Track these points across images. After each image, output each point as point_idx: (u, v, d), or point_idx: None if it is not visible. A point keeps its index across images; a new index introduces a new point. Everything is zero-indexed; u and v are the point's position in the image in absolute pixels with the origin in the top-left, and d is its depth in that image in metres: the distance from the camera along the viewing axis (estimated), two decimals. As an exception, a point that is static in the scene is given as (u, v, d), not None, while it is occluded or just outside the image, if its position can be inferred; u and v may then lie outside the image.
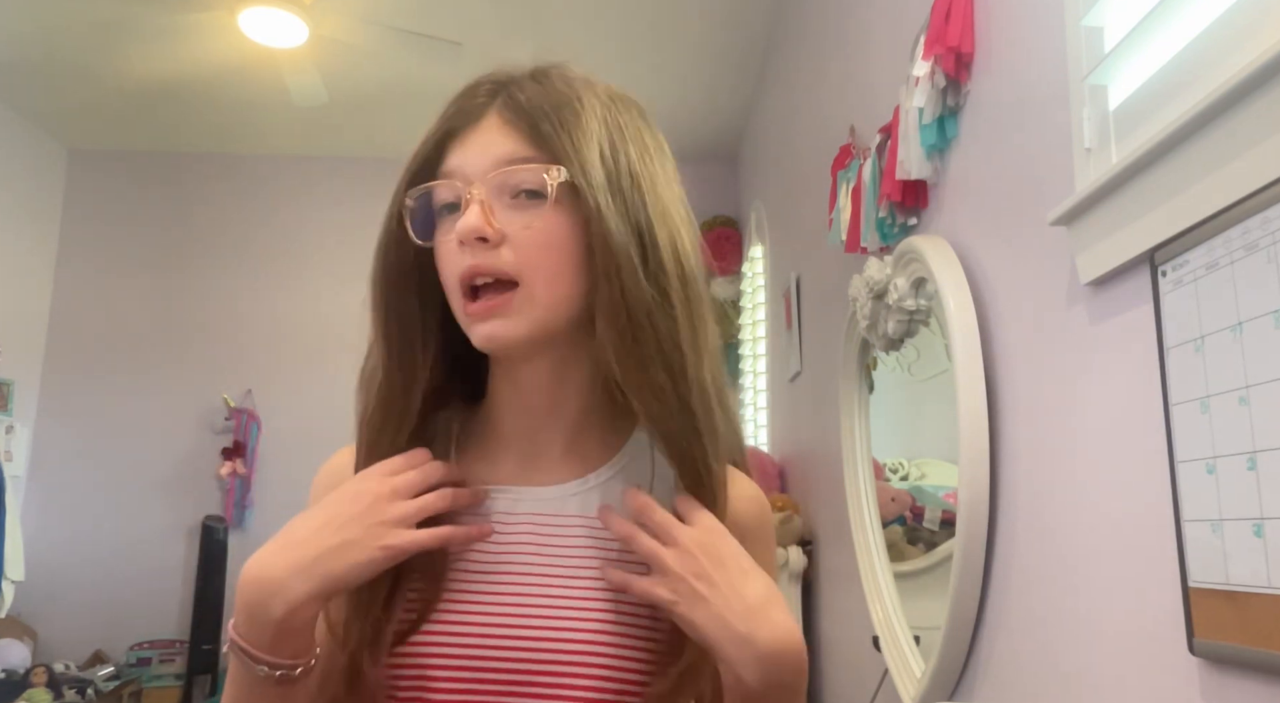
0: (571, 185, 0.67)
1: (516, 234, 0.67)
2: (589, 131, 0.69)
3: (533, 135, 0.68)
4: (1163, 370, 0.77)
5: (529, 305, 0.67)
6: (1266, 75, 0.63)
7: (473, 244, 0.66)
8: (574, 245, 0.68)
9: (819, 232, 2.16)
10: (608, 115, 0.71)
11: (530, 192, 0.68)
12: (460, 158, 0.70)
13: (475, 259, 0.67)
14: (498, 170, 0.68)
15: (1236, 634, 0.67)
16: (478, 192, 0.67)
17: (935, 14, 1.32)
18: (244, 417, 4.19)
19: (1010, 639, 1.13)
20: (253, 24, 3.07)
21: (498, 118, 0.70)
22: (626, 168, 0.70)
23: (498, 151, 0.68)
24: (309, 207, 4.44)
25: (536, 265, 0.67)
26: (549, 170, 0.67)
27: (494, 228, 0.66)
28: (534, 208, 0.67)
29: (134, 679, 3.82)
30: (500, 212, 0.67)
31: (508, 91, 0.71)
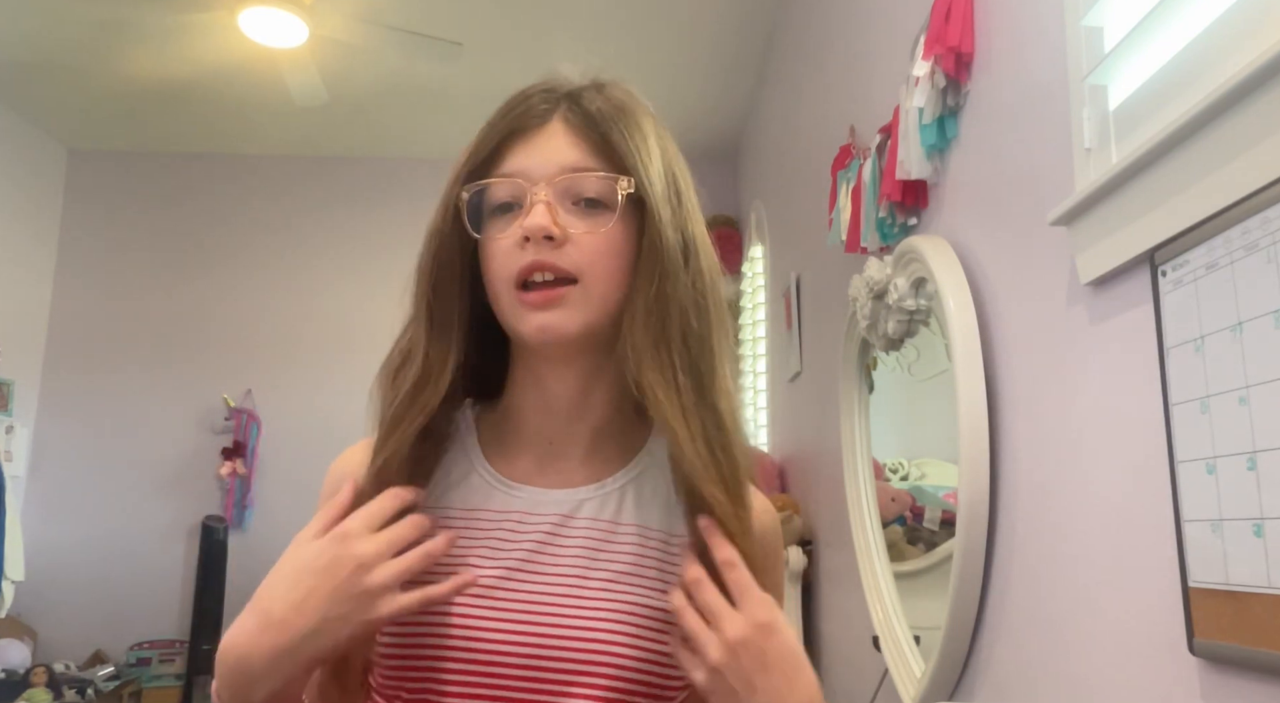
0: (632, 197, 0.70)
1: (579, 237, 0.70)
2: (651, 144, 0.73)
3: (601, 144, 0.71)
4: (1163, 370, 0.77)
5: (584, 302, 0.70)
6: (1266, 75, 0.63)
7: (538, 242, 0.68)
8: (629, 251, 0.71)
9: (819, 232, 2.16)
10: (659, 135, 0.75)
11: (592, 200, 0.71)
12: (525, 160, 0.71)
13: (538, 255, 0.69)
14: (564, 175, 0.70)
15: (1236, 634, 0.67)
16: (544, 193, 0.69)
17: (935, 14, 1.32)
18: (244, 417, 4.19)
19: (1010, 639, 1.13)
20: (253, 24, 3.07)
21: (564, 124, 0.72)
22: (675, 182, 0.74)
23: (565, 157, 0.71)
24: (309, 207, 4.44)
25: (598, 268, 0.70)
26: (619, 181, 0.70)
27: (561, 229, 0.69)
28: (597, 214, 0.70)
29: (134, 679, 3.82)
30: (562, 215, 0.70)
31: (574, 100, 0.74)
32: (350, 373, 4.22)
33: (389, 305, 0.80)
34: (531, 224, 0.68)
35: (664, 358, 0.68)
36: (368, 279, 4.29)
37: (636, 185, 0.70)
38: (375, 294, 4.26)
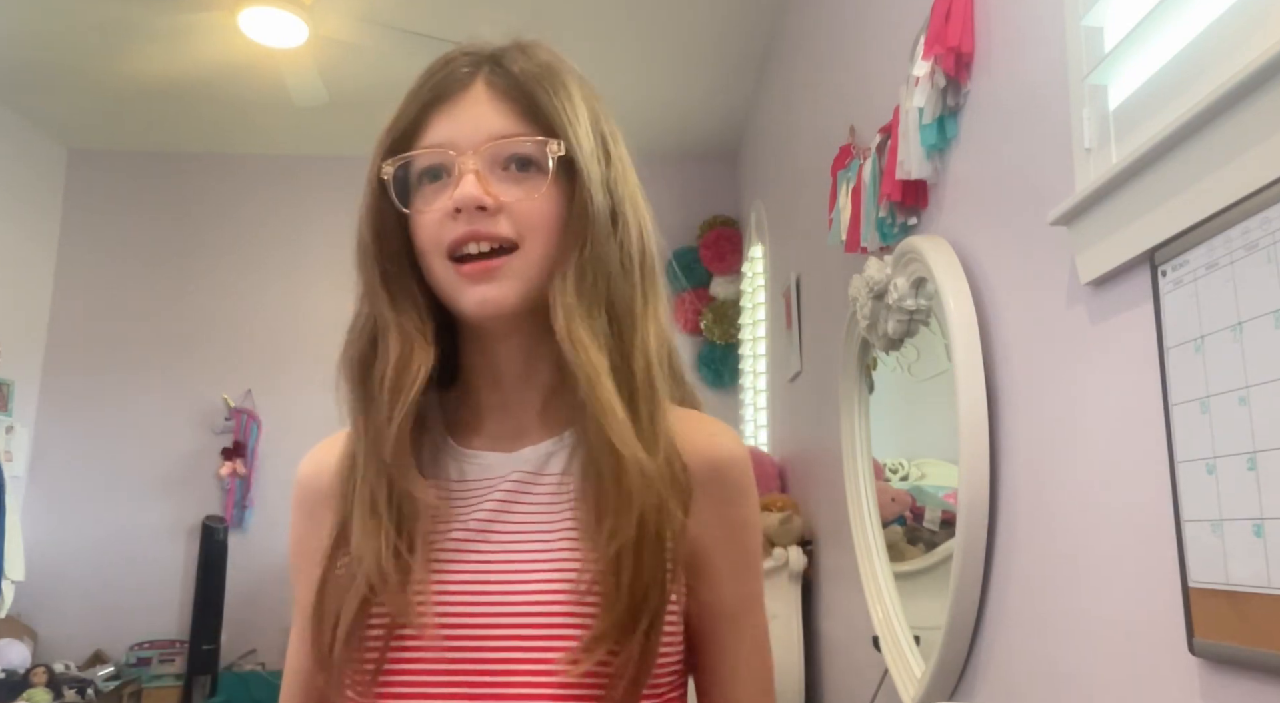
0: (565, 158, 0.69)
1: (513, 204, 0.68)
2: (578, 103, 0.71)
3: (528, 107, 0.70)
4: (1163, 370, 0.77)
5: (524, 270, 0.68)
6: (1266, 75, 0.63)
7: (470, 213, 0.67)
8: (562, 213, 0.70)
9: (819, 232, 2.16)
10: (586, 95, 0.74)
11: (523, 163, 0.69)
12: (450, 129, 0.70)
13: (472, 225, 0.67)
14: (492, 142, 0.69)
15: (1236, 634, 0.67)
16: (472, 162, 0.68)
17: (935, 14, 1.32)
18: (244, 417, 4.19)
19: (1010, 639, 1.13)
20: (253, 24, 3.07)
21: (488, 88, 0.71)
22: (604, 140, 0.73)
23: (492, 124, 0.69)
24: (309, 207, 4.44)
25: (535, 231, 0.68)
26: (550, 144, 0.69)
27: (493, 197, 0.67)
28: (529, 179, 0.69)
29: (134, 679, 3.82)
30: (493, 182, 0.68)
31: (496, 61, 0.72)
32: (350, 373, 4.23)
33: None
34: (462, 195, 0.66)
35: (594, 317, 0.68)
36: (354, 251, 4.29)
37: (566, 147, 0.69)
38: (375, 294, 4.26)
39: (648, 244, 0.74)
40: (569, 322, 0.67)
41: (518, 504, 0.70)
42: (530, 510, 0.69)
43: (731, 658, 0.72)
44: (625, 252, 0.71)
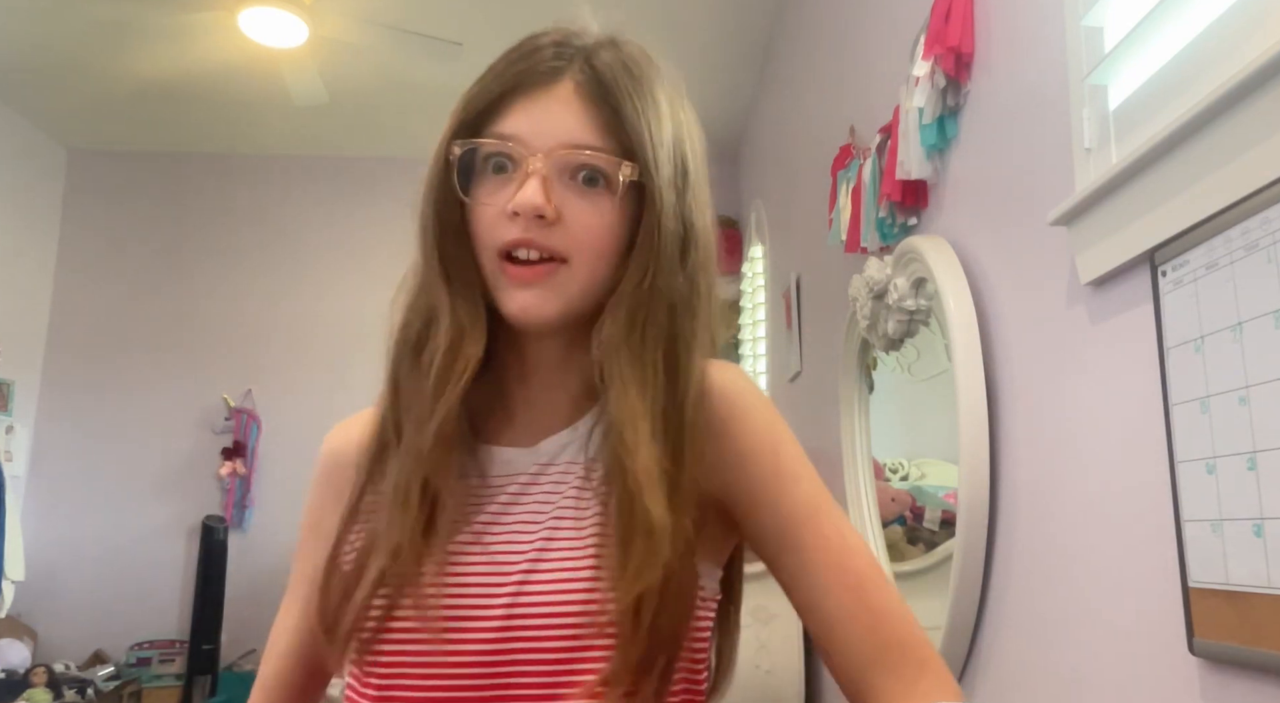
0: (637, 182, 0.66)
1: (573, 216, 0.65)
2: (663, 124, 0.68)
3: (611, 119, 0.66)
4: (1163, 370, 0.77)
5: (569, 284, 0.66)
6: (1266, 75, 0.63)
7: (528, 219, 0.64)
8: (624, 234, 0.67)
9: (819, 232, 2.16)
10: (673, 105, 0.70)
11: (591, 178, 0.66)
12: (526, 123, 0.66)
13: (527, 233, 0.64)
14: (566, 150, 0.65)
15: (1236, 634, 0.67)
16: (541, 165, 0.65)
17: (935, 14, 1.32)
18: (244, 417, 4.19)
19: (1010, 639, 1.13)
20: (253, 24, 3.07)
21: (574, 88, 0.67)
22: (684, 166, 0.69)
23: (570, 131, 0.66)
24: (309, 207, 4.44)
25: (587, 248, 0.66)
26: (624, 166, 0.65)
27: (553, 207, 0.64)
28: (595, 195, 0.66)
29: (134, 679, 3.82)
30: (558, 189, 0.65)
31: (586, 60, 0.68)
32: (351, 373, 4.23)
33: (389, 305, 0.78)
34: (523, 201, 0.63)
35: (647, 354, 0.64)
36: (368, 279, 4.29)
37: (641, 171, 0.65)
38: (376, 294, 4.25)
39: (713, 283, 0.70)
40: (612, 358, 0.64)
41: (532, 499, 0.68)
42: (545, 505, 0.67)
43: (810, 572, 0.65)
44: (693, 285, 0.67)
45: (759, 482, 0.67)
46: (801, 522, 0.66)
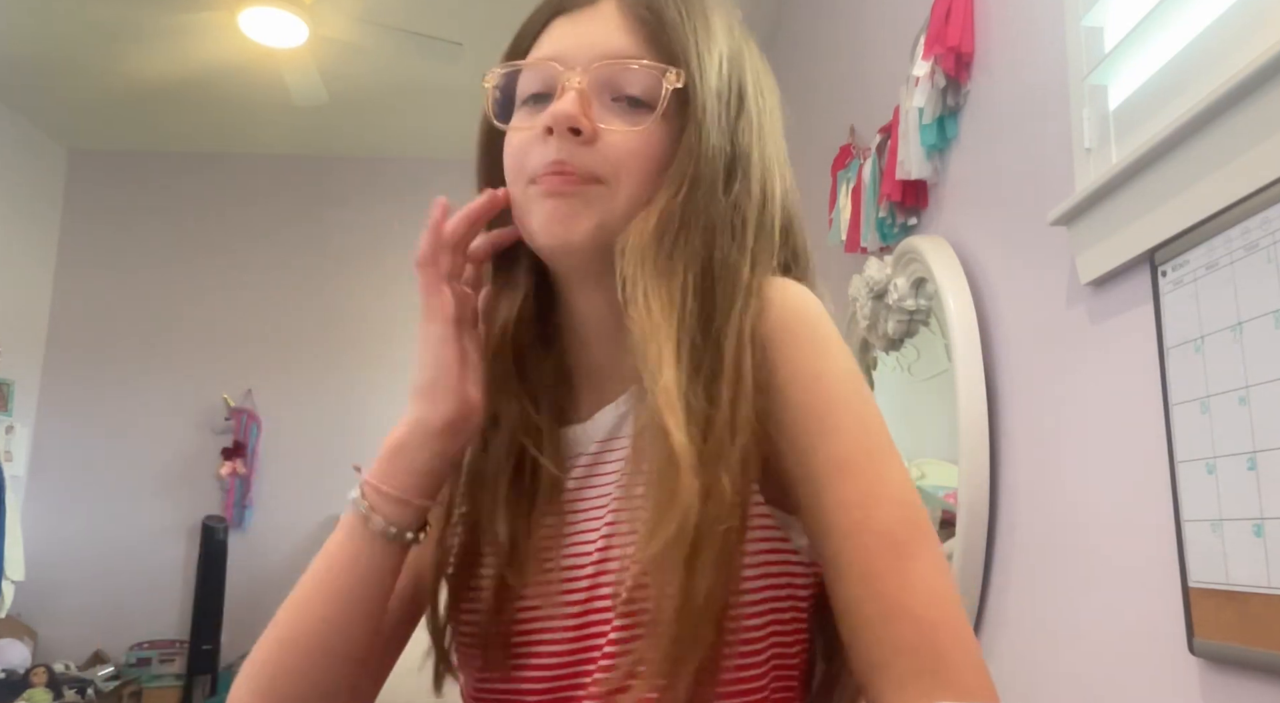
0: (682, 92, 0.59)
1: (611, 136, 0.59)
2: (714, 38, 0.62)
3: (654, 30, 0.61)
4: (1163, 370, 0.77)
5: (607, 204, 0.59)
6: (1266, 75, 0.63)
7: (563, 134, 0.58)
8: (667, 156, 0.60)
9: (819, 232, 2.16)
10: (731, 35, 0.64)
11: (635, 99, 0.60)
12: (564, 41, 0.62)
13: (561, 154, 0.58)
14: (605, 63, 0.60)
15: (1236, 634, 0.67)
16: (578, 80, 0.59)
17: (935, 14, 1.32)
18: (244, 417, 4.19)
19: (1010, 639, 1.13)
20: (253, 24, 3.07)
21: (617, 5, 0.62)
22: (739, 87, 0.63)
23: (610, 42, 0.60)
24: (309, 206, 4.44)
25: (626, 173, 0.59)
26: (666, 73, 0.59)
27: (590, 122, 0.58)
28: (638, 116, 0.60)
29: (134, 679, 3.82)
30: (597, 108, 0.60)
31: None
32: (350, 373, 4.23)
33: (390, 304, 0.77)
34: (558, 111, 0.57)
35: (676, 272, 0.56)
36: (368, 278, 4.30)
37: (686, 78, 0.59)
38: (375, 294, 4.26)
39: (771, 210, 0.62)
40: (637, 267, 0.56)
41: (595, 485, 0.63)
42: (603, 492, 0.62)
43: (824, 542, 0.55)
44: (739, 211, 0.59)
45: (791, 421, 0.56)
46: (826, 479, 0.54)
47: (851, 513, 0.53)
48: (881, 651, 0.52)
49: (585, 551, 0.60)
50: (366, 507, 0.58)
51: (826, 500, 0.54)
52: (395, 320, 4.16)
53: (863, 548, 0.53)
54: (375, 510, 0.58)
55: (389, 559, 0.59)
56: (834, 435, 0.55)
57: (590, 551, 0.60)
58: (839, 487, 0.54)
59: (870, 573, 0.52)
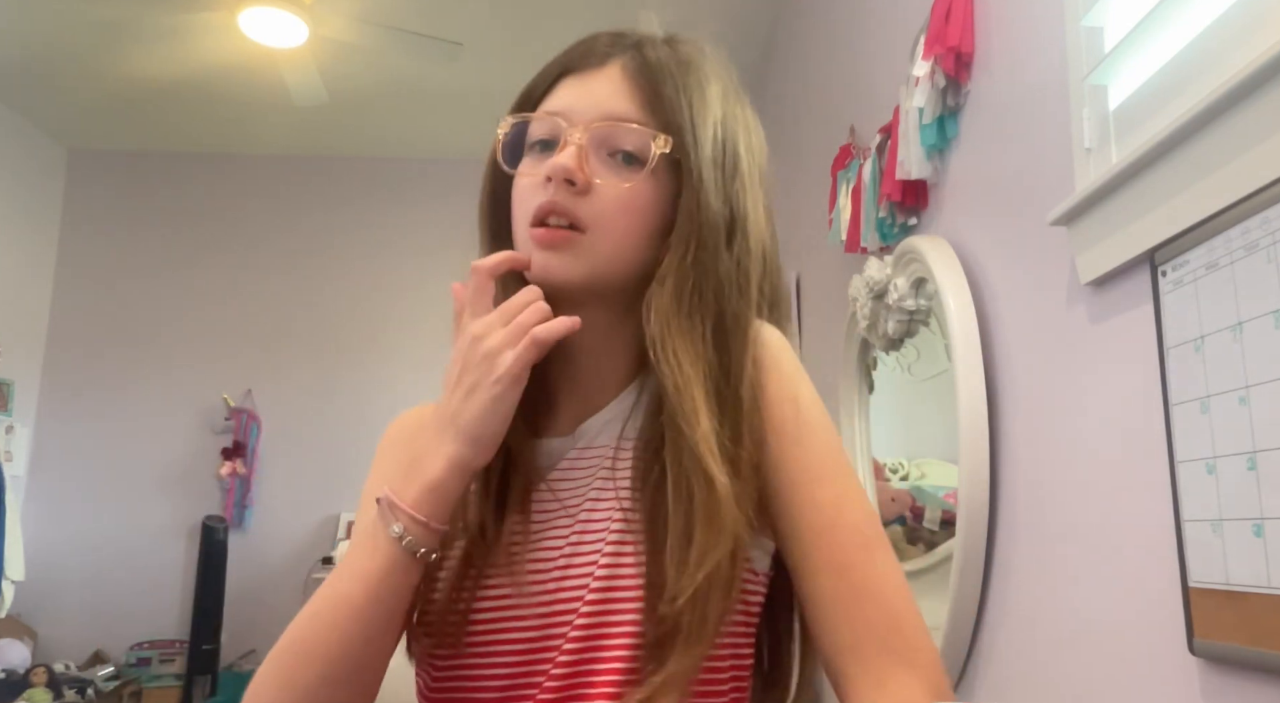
0: (672, 158, 0.67)
1: (604, 189, 0.66)
2: (710, 106, 0.69)
3: (651, 97, 0.68)
4: (1163, 371, 0.77)
5: (590, 253, 0.66)
6: (1266, 75, 0.63)
7: (559, 183, 0.65)
8: (657, 214, 0.68)
9: (819, 232, 2.16)
10: (727, 100, 0.71)
11: (629, 156, 0.67)
12: (570, 98, 0.69)
13: (555, 197, 0.66)
14: (605, 122, 0.67)
15: (1236, 634, 0.67)
16: (578, 136, 0.67)
17: (935, 14, 1.32)
18: (244, 417, 4.19)
19: (1010, 639, 1.13)
20: (253, 24, 3.07)
21: (620, 69, 0.70)
22: (732, 151, 0.70)
23: (610, 104, 0.68)
24: (309, 206, 4.44)
25: (612, 222, 0.66)
26: (656, 137, 0.67)
27: (584, 174, 0.66)
28: (630, 171, 0.67)
29: (134, 679, 3.82)
30: (594, 162, 0.67)
31: (639, 47, 0.71)
32: (351, 373, 4.23)
33: (389, 305, 0.79)
34: (556, 163, 0.65)
35: (696, 328, 0.64)
36: (368, 278, 4.30)
37: (676, 145, 0.66)
38: (376, 293, 4.26)
39: (771, 266, 0.71)
40: (663, 327, 0.64)
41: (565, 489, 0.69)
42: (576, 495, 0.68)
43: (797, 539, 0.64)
44: (742, 267, 0.68)
45: (771, 437, 0.65)
46: (801, 485, 0.64)
47: (825, 512, 0.63)
48: (852, 632, 0.60)
49: (554, 546, 0.66)
50: (411, 540, 0.61)
51: (801, 502, 0.63)
52: (395, 320, 4.16)
53: (836, 543, 0.62)
54: (414, 538, 0.61)
55: (417, 576, 0.63)
56: (808, 448, 0.65)
57: (560, 546, 0.66)
58: (813, 491, 0.63)
59: (843, 564, 0.61)
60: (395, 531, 0.61)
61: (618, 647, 0.61)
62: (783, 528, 0.64)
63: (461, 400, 0.62)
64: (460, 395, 0.63)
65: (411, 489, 0.62)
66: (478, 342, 0.63)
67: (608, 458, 0.67)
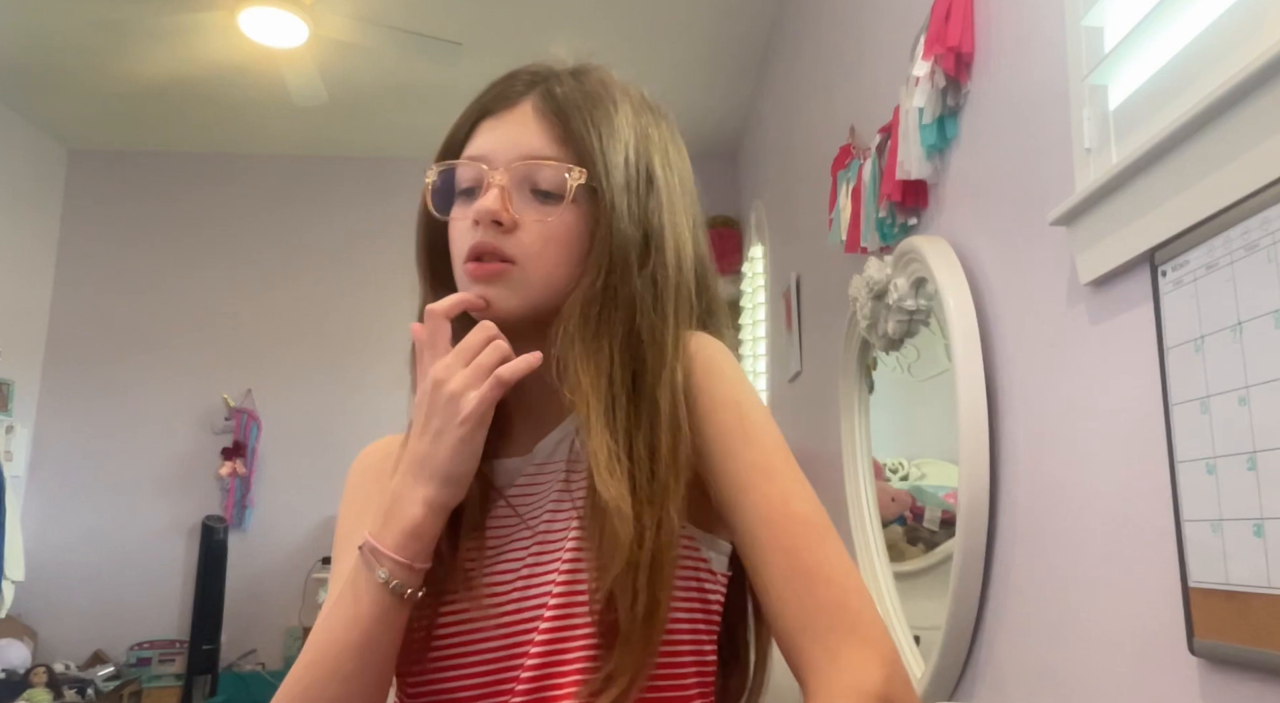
0: (589, 187, 0.71)
1: (529, 224, 0.70)
2: (619, 134, 0.73)
3: (562, 132, 0.72)
4: (1163, 371, 0.77)
5: (523, 285, 0.70)
6: (1266, 75, 0.63)
7: (487, 224, 0.69)
8: (582, 240, 0.71)
9: (819, 232, 2.16)
10: (638, 121, 0.75)
11: (546, 192, 0.71)
12: (489, 141, 0.73)
13: (485, 238, 0.70)
14: (523, 161, 0.71)
15: (1236, 634, 0.67)
16: (499, 178, 0.70)
17: (935, 14, 1.32)
18: (244, 417, 4.19)
19: (1010, 639, 1.13)
20: (253, 24, 3.07)
21: (532, 108, 0.73)
22: (647, 174, 0.73)
23: (526, 144, 0.72)
24: (309, 206, 4.44)
25: (540, 255, 0.70)
26: (570, 171, 0.70)
27: (509, 214, 0.70)
28: (550, 205, 0.71)
29: (134, 679, 3.82)
30: (518, 201, 0.71)
31: (547, 84, 0.74)
32: (350, 373, 4.23)
33: (389, 305, 0.81)
34: (480, 207, 0.69)
35: (603, 349, 0.68)
36: (368, 278, 4.30)
37: (590, 175, 0.70)
38: (375, 294, 4.26)
39: (686, 274, 0.74)
40: (567, 349, 0.68)
41: (525, 505, 0.72)
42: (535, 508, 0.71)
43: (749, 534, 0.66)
44: (658, 284, 0.71)
45: (716, 440, 0.68)
46: (748, 483, 0.67)
47: (775, 505, 0.66)
48: (804, 612, 0.62)
49: (515, 559, 0.69)
50: (398, 583, 0.64)
51: (752, 497, 0.66)
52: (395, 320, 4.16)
53: (786, 531, 0.65)
54: (401, 581, 0.64)
55: (406, 613, 0.66)
56: (755, 446, 0.68)
57: (521, 557, 0.69)
58: (762, 485, 0.67)
59: (794, 549, 0.64)
60: (381, 576, 0.64)
61: (580, 649, 0.64)
62: (735, 525, 0.67)
63: (431, 444, 0.65)
64: (429, 439, 0.65)
65: (392, 534, 0.64)
66: (440, 385, 0.66)
67: (562, 472, 0.71)
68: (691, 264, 0.75)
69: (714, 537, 0.72)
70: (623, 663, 0.61)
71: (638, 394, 0.68)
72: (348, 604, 0.65)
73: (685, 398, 0.68)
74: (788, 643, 0.64)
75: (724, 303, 0.81)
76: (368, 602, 0.64)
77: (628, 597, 0.62)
